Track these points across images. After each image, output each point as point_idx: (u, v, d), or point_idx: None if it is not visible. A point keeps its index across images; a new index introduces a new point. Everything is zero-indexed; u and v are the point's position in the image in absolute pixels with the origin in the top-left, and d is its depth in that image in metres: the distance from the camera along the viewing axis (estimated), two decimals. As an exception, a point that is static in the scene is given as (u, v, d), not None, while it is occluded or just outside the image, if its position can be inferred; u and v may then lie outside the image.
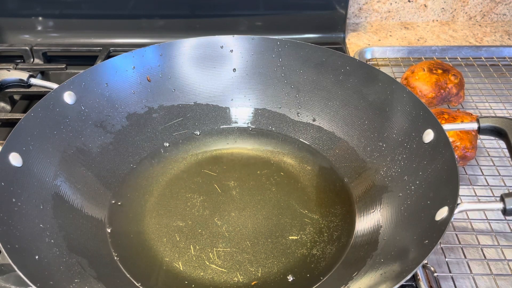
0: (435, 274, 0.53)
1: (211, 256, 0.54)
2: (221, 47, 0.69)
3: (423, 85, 0.74)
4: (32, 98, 0.84)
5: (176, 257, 0.55)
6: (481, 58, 0.89)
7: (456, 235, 0.57)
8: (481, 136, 0.66)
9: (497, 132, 0.52)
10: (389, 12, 1.05)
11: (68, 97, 0.59)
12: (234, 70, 0.70)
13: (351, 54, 0.93)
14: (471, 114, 0.66)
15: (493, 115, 0.76)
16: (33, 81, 0.60)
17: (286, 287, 0.51)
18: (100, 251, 0.54)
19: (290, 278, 0.52)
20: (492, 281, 0.53)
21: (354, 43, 0.98)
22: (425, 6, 1.03)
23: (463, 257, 0.55)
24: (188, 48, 0.69)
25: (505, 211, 0.45)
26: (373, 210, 0.57)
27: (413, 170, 0.55)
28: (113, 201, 0.60)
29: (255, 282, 0.52)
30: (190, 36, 0.69)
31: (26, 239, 0.47)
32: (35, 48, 0.90)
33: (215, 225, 0.58)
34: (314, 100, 0.69)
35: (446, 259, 0.54)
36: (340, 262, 0.53)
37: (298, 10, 0.96)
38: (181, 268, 0.53)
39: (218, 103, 0.71)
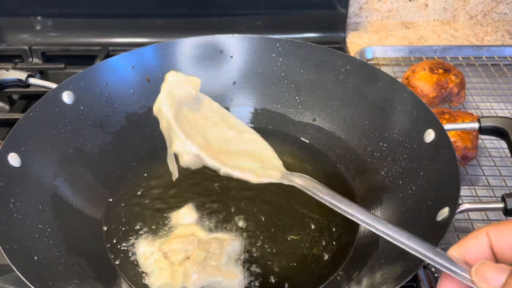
0: (436, 275, 0.52)
1: (210, 256, 0.54)
2: (221, 51, 0.69)
3: (424, 84, 0.74)
4: (31, 98, 0.84)
5: (175, 257, 0.54)
6: (482, 57, 0.89)
7: (457, 235, 0.57)
8: (482, 136, 0.66)
9: (498, 132, 0.52)
10: (389, 11, 1.04)
11: (67, 97, 0.59)
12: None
13: (352, 54, 0.92)
14: (472, 114, 0.66)
15: (494, 115, 0.76)
16: (32, 80, 0.60)
17: (286, 287, 0.51)
18: (99, 251, 0.53)
19: (290, 278, 0.52)
20: (493, 281, 0.52)
21: (355, 42, 0.98)
22: (426, 5, 1.03)
23: (464, 257, 0.54)
24: (187, 48, 0.68)
25: (506, 211, 0.45)
26: (373, 210, 0.57)
27: (414, 170, 0.55)
28: (112, 202, 0.60)
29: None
30: (190, 36, 0.68)
31: (25, 240, 0.47)
32: (34, 47, 0.90)
33: (215, 226, 0.57)
34: (314, 99, 0.68)
35: (447, 260, 0.54)
36: (340, 262, 0.53)
37: (298, 9, 0.95)
38: (180, 269, 0.53)
39: (217, 103, 0.71)
